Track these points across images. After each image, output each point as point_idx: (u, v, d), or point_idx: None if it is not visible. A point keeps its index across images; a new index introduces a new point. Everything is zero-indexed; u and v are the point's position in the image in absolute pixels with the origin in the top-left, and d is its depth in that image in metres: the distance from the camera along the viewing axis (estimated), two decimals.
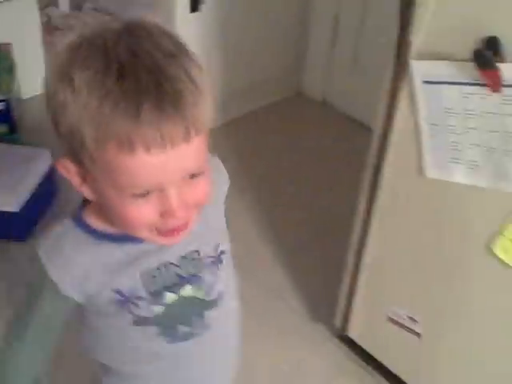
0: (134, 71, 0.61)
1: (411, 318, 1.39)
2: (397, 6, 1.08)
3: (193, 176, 0.67)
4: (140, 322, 0.79)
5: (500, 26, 0.98)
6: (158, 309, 0.79)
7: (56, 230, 0.76)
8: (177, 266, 0.79)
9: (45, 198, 2.00)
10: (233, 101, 2.40)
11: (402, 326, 1.42)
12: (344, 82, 2.58)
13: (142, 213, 0.67)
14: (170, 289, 0.79)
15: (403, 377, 1.50)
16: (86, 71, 0.61)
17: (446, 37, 1.05)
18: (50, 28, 2.72)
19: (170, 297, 0.79)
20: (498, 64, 0.98)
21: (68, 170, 0.69)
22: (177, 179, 0.66)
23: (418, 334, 1.40)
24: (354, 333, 1.57)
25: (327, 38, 2.58)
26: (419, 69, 1.09)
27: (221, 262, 0.83)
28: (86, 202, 0.76)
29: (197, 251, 0.80)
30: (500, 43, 0.97)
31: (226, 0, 2.25)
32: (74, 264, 0.74)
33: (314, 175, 2.30)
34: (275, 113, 2.64)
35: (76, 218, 0.76)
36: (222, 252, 0.83)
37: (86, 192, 0.71)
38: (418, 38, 1.08)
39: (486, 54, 0.98)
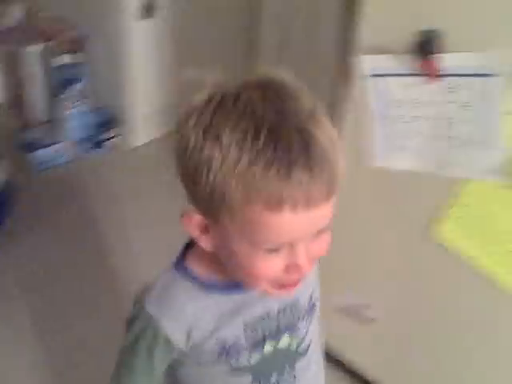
0: (285, 133, 0.62)
1: (362, 306, 1.46)
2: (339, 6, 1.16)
3: (321, 231, 0.69)
4: (237, 370, 0.80)
5: (437, 19, 1.06)
6: (255, 358, 0.80)
7: (162, 282, 0.77)
8: (277, 314, 0.80)
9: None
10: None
11: (352, 315, 1.49)
12: None
13: (271, 266, 0.68)
14: (269, 338, 0.80)
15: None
16: (235, 130, 0.62)
17: (388, 31, 1.13)
18: None
19: (268, 346, 0.80)
20: (435, 55, 1.06)
21: (190, 221, 0.70)
22: (310, 236, 0.68)
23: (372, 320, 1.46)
24: None
25: (277, 43, 2.65)
26: (366, 63, 1.17)
27: (314, 309, 0.85)
28: (185, 252, 0.78)
29: (297, 300, 0.82)
30: (437, 35, 1.06)
31: (177, 7, 2.28)
32: (186, 314, 0.75)
33: None
34: None
35: (180, 268, 0.77)
36: (316, 299, 0.85)
37: (205, 243, 0.71)
38: (364, 34, 1.16)
39: (425, 46, 1.07)
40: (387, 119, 1.20)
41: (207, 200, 0.65)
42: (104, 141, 2.48)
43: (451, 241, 1.21)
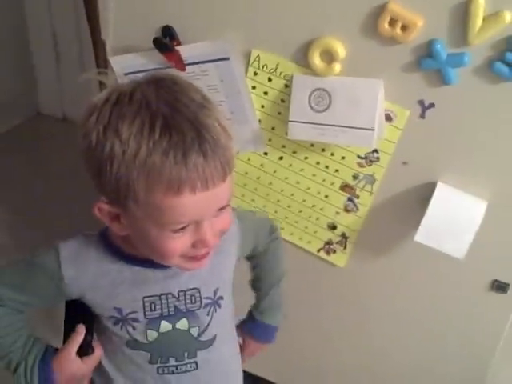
0: (178, 123, 0.69)
1: None
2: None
3: (222, 208, 0.76)
4: (133, 344, 0.85)
5: (171, 16, 1.14)
6: (152, 335, 0.85)
7: (81, 238, 0.84)
8: (176, 298, 0.85)
9: None
10: None
11: None
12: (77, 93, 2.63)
13: (179, 244, 0.75)
14: (166, 318, 0.85)
15: None
16: (132, 125, 0.68)
17: (131, 31, 1.18)
18: None
19: (164, 325, 0.85)
20: (176, 47, 1.14)
21: (102, 211, 0.76)
22: (212, 213, 0.75)
23: None
24: None
25: (50, 54, 2.60)
26: (117, 63, 1.21)
27: (219, 306, 0.89)
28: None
29: (197, 289, 0.86)
30: (174, 30, 1.14)
31: None
32: (87, 271, 0.82)
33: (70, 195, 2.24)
34: (16, 135, 2.61)
35: (101, 234, 0.84)
36: (221, 298, 0.89)
37: (117, 229, 0.78)
38: (109, 37, 1.20)
39: (163, 40, 1.14)
40: None
41: (114, 191, 0.72)
42: None
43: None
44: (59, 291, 0.83)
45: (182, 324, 0.86)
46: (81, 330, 0.86)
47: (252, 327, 1.07)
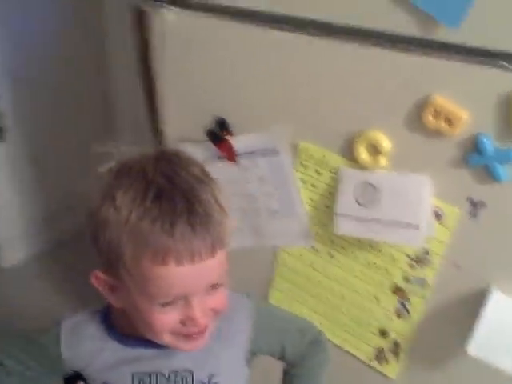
0: (171, 194, 0.70)
1: None
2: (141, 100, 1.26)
3: (214, 286, 0.75)
4: None
5: (225, 108, 1.17)
6: None
7: (88, 313, 0.86)
8: (167, 378, 0.84)
9: None
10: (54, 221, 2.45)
11: None
12: None
13: (166, 319, 0.73)
14: None
15: None
16: (127, 192, 0.70)
17: (187, 122, 1.23)
18: None
19: None
20: (228, 138, 1.17)
21: (99, 281, 0.77)
22: (201, 290, 0.73)
23: None
24: None
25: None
26: None
27: None
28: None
29: (190, 371, 0.84)
30: (227, 122, 1.17)
31: (30, 127, 2.27)
32: (83, 349, 0.83)
33: None
34: None
35: (102, 311, 0.85)
36: (215, 383, 0.86)
37: (113, 300, 0.78)
38: (168, 127, 1.26)
39: (215, 131, 1.17)
40: None
41: (106, 257, 0.73)
42: None
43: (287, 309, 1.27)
44: (58, 363, 0.85)
45: None
46: None
47: None
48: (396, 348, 1.15)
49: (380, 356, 1.18)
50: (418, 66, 0.93)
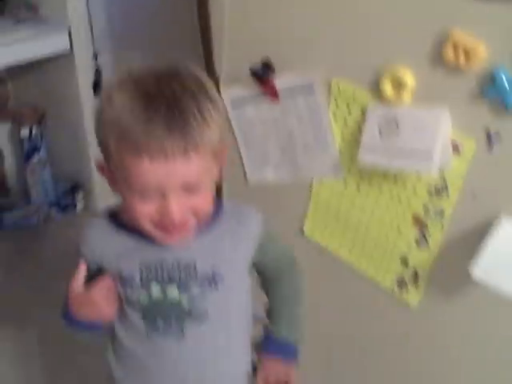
0: (158, 100, 0.78)
1: None
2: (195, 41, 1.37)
3: (192, 188, 0.83)
4: (130, 303, 0.95)
5: (270, 49, 1.27)
6: (143, 297, 0.93)
7: (96, 220, 0.99)
8: (170, 266, 0.93)
9: None
10: None
11: None
12: None
13: (146, 208, 0.84)
14: (158, 282, 0.93)
15: None
16: (124, 97, 0.80)
17: (236, 62, 1.33)
18: None
19: (156, 289, 0.93)
20: (271, 77, 1.27)
21: (102, 169, 0.90)
22: (175, 187, 0.82)
23: None
24: None
25: None
26: (226, 93, 1.37)
27: (215, 283, 0.93)
28: None
29: (193, 261, 0.93)
30: (271, 61, 1.27)
31: None
32: (96, 243, 0.96)
33: None
34: None
35: (108, 211, 0.98)
36: (220, 277, 0.93)
37: (113, 188, 0.90)
38: (221, 68, 1.37)
39: (260, 69, 1.27)
40: (249, 140, 1.38)
41: (101, 148, 0.85)
42: (69, 205, 2.68)
43: (319, 239, 1.37)
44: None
45: (172, 292, 0.92)
46: (82, 266, 0.97)
47: (266, 342, 1.06)
48: (415, 277, 1.22)
49: (401, 284, 1.25)
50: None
